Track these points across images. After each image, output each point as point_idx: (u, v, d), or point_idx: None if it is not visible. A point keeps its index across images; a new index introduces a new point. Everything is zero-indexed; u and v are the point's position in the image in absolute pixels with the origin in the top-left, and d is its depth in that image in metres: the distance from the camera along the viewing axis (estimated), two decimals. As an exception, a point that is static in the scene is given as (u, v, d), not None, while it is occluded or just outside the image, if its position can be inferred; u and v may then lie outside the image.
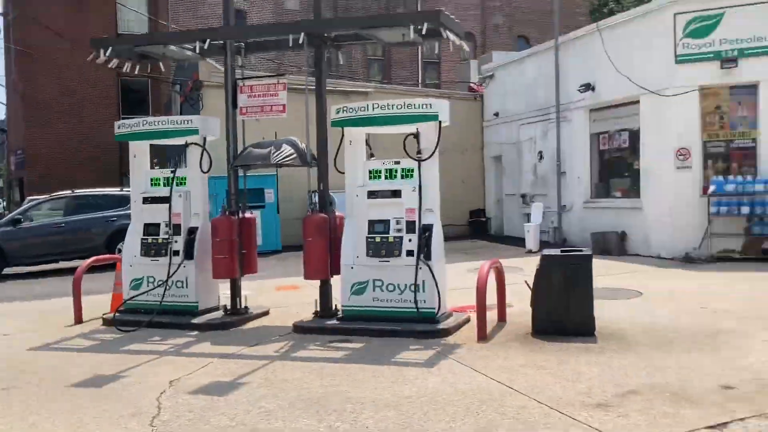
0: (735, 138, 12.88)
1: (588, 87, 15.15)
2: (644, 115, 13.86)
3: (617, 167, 15.02)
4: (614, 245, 14.11)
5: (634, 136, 14.20)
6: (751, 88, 12.70)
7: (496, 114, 19.09)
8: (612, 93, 14.66)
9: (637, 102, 14.02)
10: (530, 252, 15.07)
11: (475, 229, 19.42)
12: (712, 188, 12.48)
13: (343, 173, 7.78)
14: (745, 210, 12.22)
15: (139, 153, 8.91)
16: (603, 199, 15.30)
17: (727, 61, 12.54)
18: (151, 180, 8.73)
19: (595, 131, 15.48)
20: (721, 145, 12.99)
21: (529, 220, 16.36)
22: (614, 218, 14.63)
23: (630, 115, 14.42)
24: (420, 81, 30.01)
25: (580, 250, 7.61)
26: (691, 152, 13.00)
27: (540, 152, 17.23)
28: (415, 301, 7.12)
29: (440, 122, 7.34)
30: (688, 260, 12.67)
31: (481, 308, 6.78)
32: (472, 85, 20.27)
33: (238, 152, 8.44)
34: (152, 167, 9.08)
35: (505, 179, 18.99)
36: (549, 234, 16.84)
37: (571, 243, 15.89)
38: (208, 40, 8.34)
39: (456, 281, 9.25)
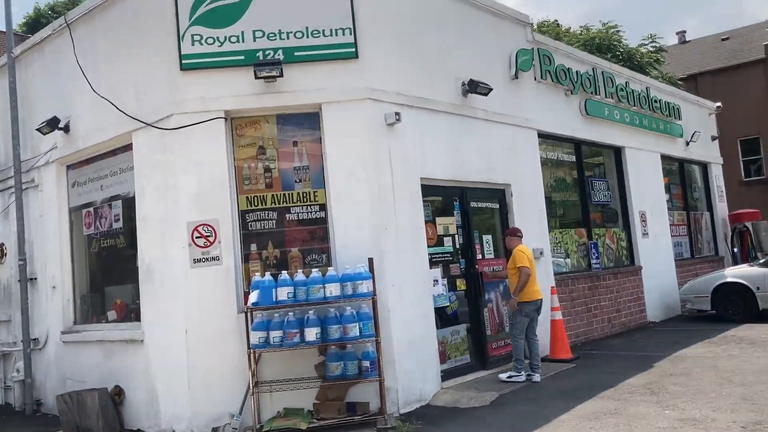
0: (294, 204, 7.30)
1: (55, 124, 8.40)
2: (139, 168, 7.57)
3: (115, 265, 8.35)
4: (98, 416, 7.20)
5: (131, 207, 7.78)
6: (311, 117, 7.37)
7: (-59, 183, 11.09)
8: (94, 132, 8.14)
9: (130, 146, 7.74)
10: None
11: None
12: (253, 297, 6.54)
13: None
14: (313, 333, 6.49)
15: None
16: (94, 324, 8.41)
17: (265, 66, 7.01)
18: None
19: (78, 203, 8.70)
20: (271, 216, 7.28)
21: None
22: (105, 360, 7.82)
23: (124, 170, 8.04)
24: None
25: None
26: (219, 231, 7.02)
27: (2, 245, 9.75)
28: None
29: None
30: (218, 443, 6.43)
31: None
32: None
33: None
34: None
35: (-41, 295, 10.90)
36: (13, 393, 9.23)
37: (49, 407, 8.56)
38: None
39: None
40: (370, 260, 6.77)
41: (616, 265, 11.63)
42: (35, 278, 8.98)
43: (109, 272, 8.39)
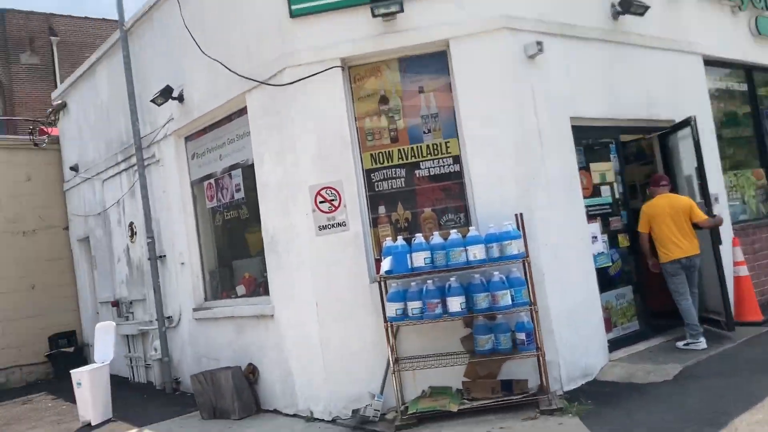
0: (423, 158, 6.43)
1: (168, 94, 8.01)
2: (255, 132, 6.99)
3: (240, 238, 7.91)
4: (232, 396, 6.80)
5: (251, 175, 7.23)
6: (438, 57, 6.43)
7: (75, 167, 11.25)
8: (207, 98, 7.66)
9: (244, 109, 7.17)
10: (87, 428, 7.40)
11: (62, 365, 11.00)
12: (385, 265, 5.76)
13: None
14: (457, 303, 5.63)
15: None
16: (223, 300, 8.04)
17: (383, 2, 6.13)
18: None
19: (199, 176, 8.31)
20: (399, 174, 6.46)
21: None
22: (237, 337, 7.41)
23: (241, 136, 7.51)
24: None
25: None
26: (343, 194, 6.30)
27: (131, 224, 9.65)
28: None
29: None
30: (360, 427, 5.79)
31: None
32: (42, 125, 12.18)
33: None
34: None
35: (98, 275, 11.05)
36: (154, 371, 9.15)
37: (187, 386, 8.33)
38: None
39: None
40: (519, 216, 5.79)
41: (802, 210, 9.86)
42: (164, 255, 8.76)
43: (236, 245, 7.96)
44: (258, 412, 6.91)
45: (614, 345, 6.69)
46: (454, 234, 5.73)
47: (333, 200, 6.28)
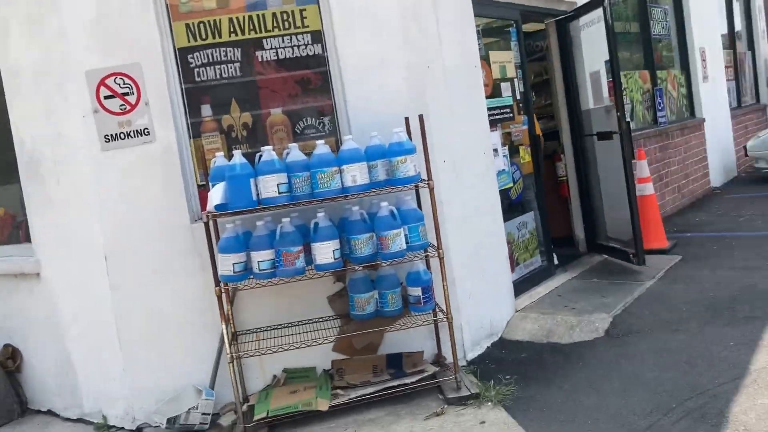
0: (269, 33, 4.28)
1: None
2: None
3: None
4: (-19, 399, 4.45)
5: (-8, 55, 4.60)
6: None
7: None
8: None
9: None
10: None
11: None
12: (216, 195, 3.66)
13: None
14: (327, 251, 3.71)
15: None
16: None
17: None
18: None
19: None
20: (231, 56, 4.27)
21: None
22: (-11, 305, 4.96)
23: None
24: None
25: None
26: (143, 84, 4.02)
27: None
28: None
29: None
30: (181, 442, 3.81)
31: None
32: None
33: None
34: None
35: None
36: None
37: None
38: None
39: None
40: (419, 119, 3.92)
41: (678, 119, 9.05)
42: None
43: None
44: (24, 414, 4.66)
45: (517, 289, 5.21)
46: (321, 146, 3.74)
47: (127, 94, 4.00)
